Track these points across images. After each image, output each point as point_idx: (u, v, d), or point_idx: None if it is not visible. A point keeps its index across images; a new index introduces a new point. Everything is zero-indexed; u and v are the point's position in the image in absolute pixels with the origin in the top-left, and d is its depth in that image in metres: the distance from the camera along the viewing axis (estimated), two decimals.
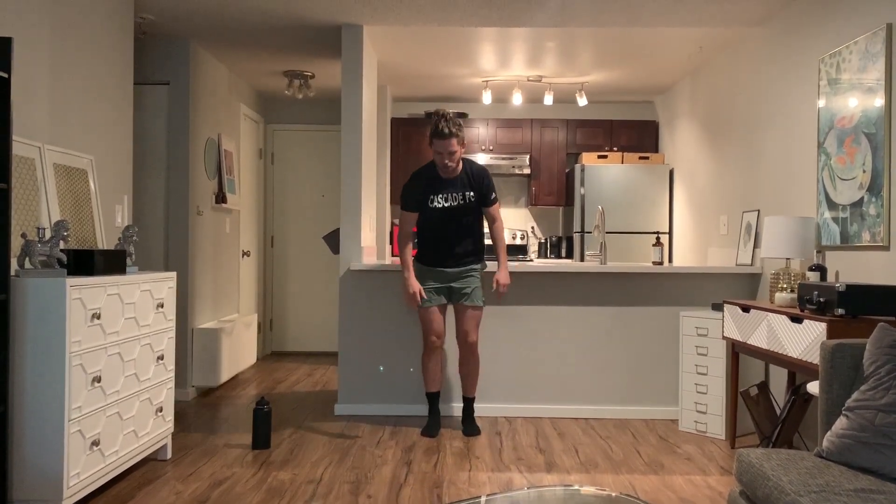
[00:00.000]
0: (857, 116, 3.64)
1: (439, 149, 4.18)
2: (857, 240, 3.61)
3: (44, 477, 2.82)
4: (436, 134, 4.14)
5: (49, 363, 2.82)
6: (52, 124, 3.53)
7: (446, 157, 4.18)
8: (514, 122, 7.19)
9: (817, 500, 1.95)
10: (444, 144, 4.15)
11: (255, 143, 7.22)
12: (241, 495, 3.31)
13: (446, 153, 4.17)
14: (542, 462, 3.87)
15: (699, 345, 4.42)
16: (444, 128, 4.12)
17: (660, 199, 6.68)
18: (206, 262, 5.66)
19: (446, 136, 4.13)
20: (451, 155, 4.18)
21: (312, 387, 5.79)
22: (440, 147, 4.17)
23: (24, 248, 2.93)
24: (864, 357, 2.40)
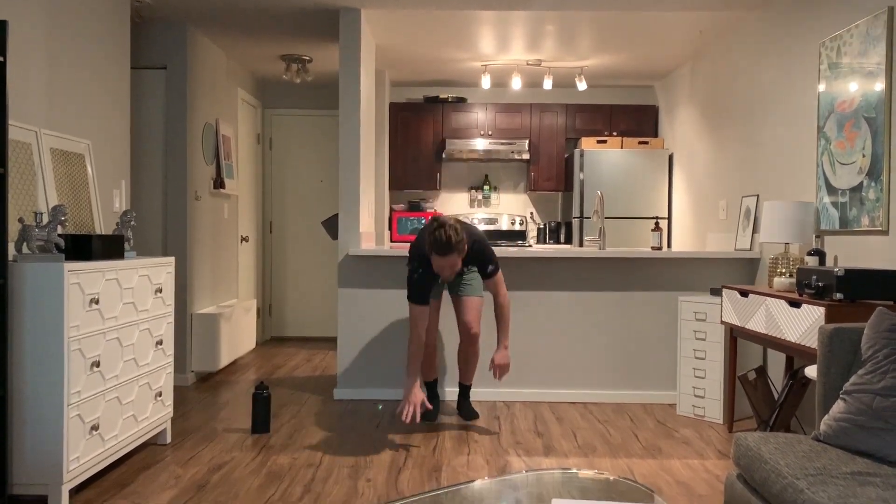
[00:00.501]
0: (857, 100, 3.62)
1: (439, 263, 3.80)
2: (857, 224, 3.61)
3: (44, 461, 2.83)
4: (436, 249, 3.74)
5: (48, 348, 2.83)
6: (48, 109, 3.51)
7: (446, 271, 3.84)
8: (513, 107, 7.16)
9: (814, 482, 1.96)
10: (444, 261, 3.78)
11: (253, 128, 7.19)
12: (240, 479, 3.32)
13: (447, 267, 3.81)
14: (541, 446, 3.88)
15: (697, 329, 4.43)
16: (445, 243, 3.71)
17: (659, 185, 6.67)
18: (204, 247, 5.65)
19: (447, 253, 3.74)
20: (451, 268, 3.83)
21: (311, 372, 5.80)
22: (440, 262, 3.79)
23: (22, 233, 2.92)
24: (863, 341, 2.41)
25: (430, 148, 7.17)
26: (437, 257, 3.76)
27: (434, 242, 3.73)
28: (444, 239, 3.71)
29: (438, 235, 3.72)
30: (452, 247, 3.72)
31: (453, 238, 3.72)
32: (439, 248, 3.72)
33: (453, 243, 3.72)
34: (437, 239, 3.72)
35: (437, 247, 3.72)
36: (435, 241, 3.72)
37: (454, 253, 3.74)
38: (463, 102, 7.19)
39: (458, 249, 3.75)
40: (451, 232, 3.72)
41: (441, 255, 3.74)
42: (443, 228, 3.72)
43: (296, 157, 7.46)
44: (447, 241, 3.71)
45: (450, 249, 3.72)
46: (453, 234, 3.72)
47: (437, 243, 3.72)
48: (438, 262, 3.78)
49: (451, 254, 3.73)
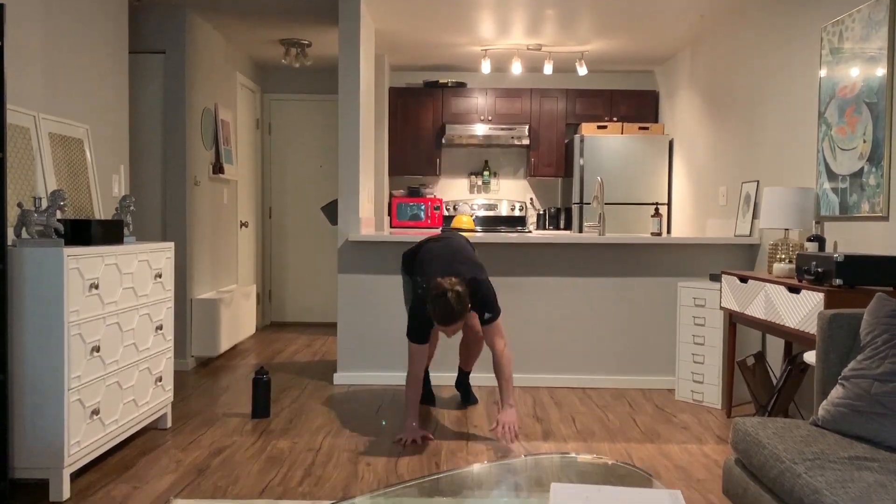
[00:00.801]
0: (858, 86, 3.61)
1: (442, 329, 3.60)
2: (857, 210, 3.60)
3: (45, 445, 2.84)
4: (439, 319, 3.51)
5: (48, 333, 2.83)
6: (46, 93, 3.49)
7: (450, 332, 3.64)
8: (513, 92, 7.13)
9: (812, 467, 1.97)
10: (445, 328, 3.58)
11: (252, 112, 7.17)
12: (240, 463, 3.34)
13: (450, 331, 3.61)
14: (540, 431, 3.90)
15: (697, 315, 4.44)
16: (447, 313, 3.47)
17: (659, 170, 6.66)
18: (204, 232, 5.65)
19: (451, 323, 3.52)
20: (454, 330, 3.62)
21: (311, 357, 5.82)
22: (443, 329, 3.58)
23: (21, 218, 2.92)
24: (862, 327, 2.41)
25: (429, 133, 7.15)
26: (440, 326, 3.55)
27: (436, 311, 3.48)
28: (447, 310, 3.47)
29: (441, 305, 3.46)
30: (456, 317, 3.49)
31: (456, 308, 3.47)
32: (442, 318, 3.49)
33: (456, 313, 3.48)
34: (438, 309, 3.48)
35: (441, 317, 3.49)
36: (436, 311, 3.48)
37: (458, 321, 3.52)
38: (463, 87, 7.16)
39: (461, 315, 3.51)
40: (454, 301, 3.46)
41: (444, 324, 3.52)
42: (444, 297, 3.45)
43: (295, 143, 7.44)
44: (450, 312, 3.47)
45: (453, 319, 3.49)
46: (455, 302, 3.46)
47: (441, 313, 3.48)
48: (441, 328, 3.59)
49: (454, 323, 3.51)
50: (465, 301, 3.50)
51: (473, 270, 3.70)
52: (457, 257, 3.76)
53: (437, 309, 3.47)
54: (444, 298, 3.45)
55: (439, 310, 3.47)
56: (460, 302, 3.47)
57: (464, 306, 3.49)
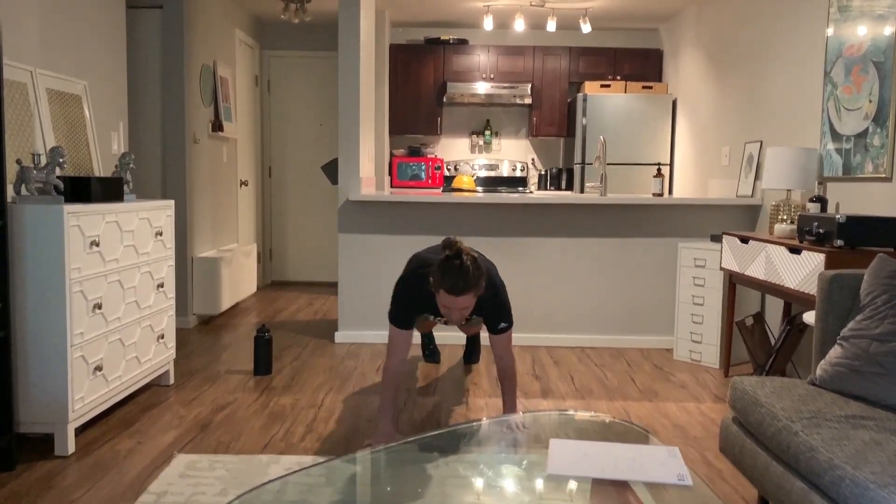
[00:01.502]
0: (866, 45, 3.56)
1: (449, 303, 2.83)
2: (860, 171, 3.58)
3: (49, 401, 2.87)
4: (449, 285, 2.78)
5: (49, 290, 2.84)
6: (43, 48, 3.45)
7: (455, 314, 2.88)
8: (515, 50, 7.04)
9: (808, 425, 1.99)
10: (456, 301, 2.82)
11: (251, 69, 7.09)
12: (243, 419, 3.38)
13: (456, 310, 2.86)
14: (539, 389, 3.94)
15: (696, 276, 4.45)
16: (463, 275, 2.76)
17: (662, 130, 6.61)
18: (204, 191, 5.63)
19: (464, 291, 2.79)
20: (462, 312, 2.87)
21: (313, 315, 5.85)
22: (451, 302, 2.82)
23: (20, 175, 2.90)
24: (862, 287, 2.41)
25: (430, 91, 7.08)
26: (446, 296, 2.80)
27: (447, 273, 2.77)
28: (463, 272, 2.76)
29: (454, 265, 2.78)
30: (471, 284, 2.78)
31: (472, 272, 2.77)
32: (454, 285, 2.76)
33: (472, 279, 2.78)
34: (452, 270, 2.77)
35: (452, 282, 2.76)
36: (448, 272, 2.77)
37: (471, 292, 2.80)
38: (465, 44, 7.07)
39: (476, 287, 2.82)
40: (470, 264, 2.78)
41: (455, 293, 2.78)
42: (460, 257, 2.79)
43: (295, 100, 7.37)
44: (465, 275, 2.76)
45: (467, 287, 2.77)
46: (472, 266, 2.78)
47: (452, 276, 2.76)
48: (448, 301, 2.82)
49: (466, 293, 2.79)
50: (481, 274, 2.82)
51: (487, 265, 3.10)
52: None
53: (447, 273, 2.77)
54: (457, 260, 2.78)
55: (451, 274, 2.76)
56: (477, 268, 2.80)
57: (479, 278, 2.81)
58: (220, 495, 2.55)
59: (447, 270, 2.78)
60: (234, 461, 2.85)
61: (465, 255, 2.81)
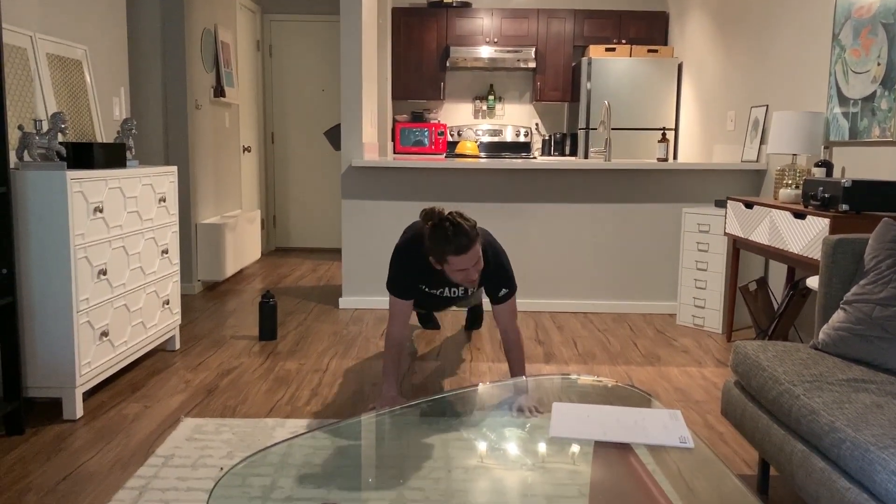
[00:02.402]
0: (875, 6, 3.50)
1: (460, 265, 2.77)
2: (867, 135, 3.55)
3: (56, 366, 2.90)
4: (455, 249, 2.72)
5: (54, 256, 2.85)
6: (43, 12, 3.41)
7: (473, 272, 2.81)
8: (519, 13, 6.95)
9: (810, 389, 2.00)
10: (466, 259, 2.75)
11: (253, 34, 7.01)
12: (249, 383, 3.41)
13: (472, 268, 2.79)
14: (542, 353, 3.96)
15: (700, 241, 4.44)
16: (462, 237, 2.72)
17: (667, 95, 6.54)
18: (206, 157, 5.61)
19: (470, 246, 2.74)
20: (477, 266, 2.81)
21: (317, 282, 5.87)
22: (461, 263, 2.76)
23: (22, 141, 2.89)
24: (866, 252, 2.41)
25: (433, 56, 7.01)
26: (456, 258, 2.74)
27: (446, 238, 2.73)
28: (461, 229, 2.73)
29: (447, 227, 2.73)
30: (471, 235, 2.75)
31: (464, 224, 2.74)
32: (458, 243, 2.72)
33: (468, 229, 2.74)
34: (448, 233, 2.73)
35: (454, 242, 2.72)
36: (447, 236, 2.73)
37: (475, 244, 2.76)
38: (468, 7, 6.97)
39: (478, 237, 2.80)
40: (458, 218, 2.76)
41: (463, 251, 2.72)
42: (448, 219, 2.75)
43: (296, 66, 7.31)
44: (461, 230, 2.73)
45: (470, 240, 2.73)
46: (461, 219, 2.76)
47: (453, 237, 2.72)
48: (460, 263, 2.75)
49: (472, 245, 2.74)
50: (472, 220, 2.79)
51: (485, 234, 3.07)
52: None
53: (446, 238, 2.72)
54: (447, 222, 2.74)
55: (450, 236, 2.71)
56: (467, 220, 2.77)
57: (473, 224, 2.78)
58: (227, 458, 2.58)
59: (444, 235, 2.73)
60: (240, 424, 2.89)
61: (449, 215, 2.77)
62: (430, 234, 2.77)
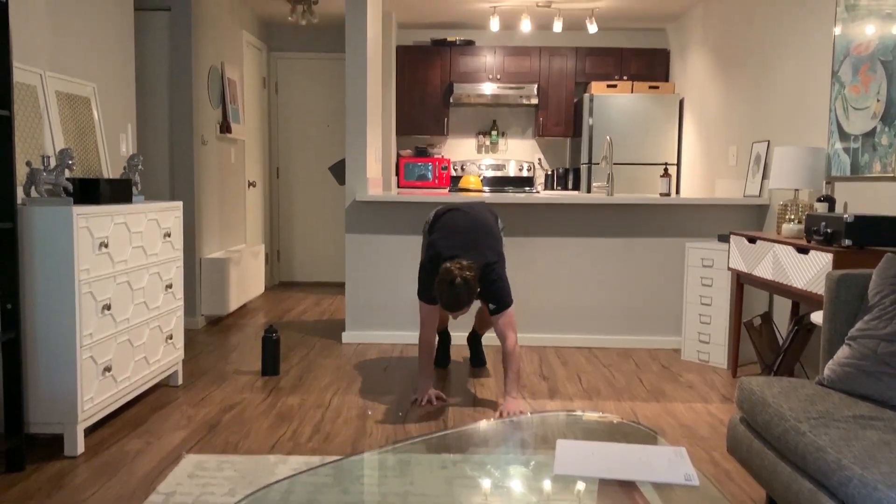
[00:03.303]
0: (874, 43, 3.55)
1: (448, 313, 3.50)
2: (868, 170, 3.57)
3: (58, 401, 2.89)
4: (445, 306, 3.39)
5: (59, 291, 2.85)
6: (52, 51, 3.47)
7: (457, 315, 3.51)
8: (522, 50, 7.04)
9: (816, 426, 1.98)
10: (453, 313, 3.46)
11: (259, 71, 7.11)
12: (251, 419, 3.39)
13: (456, 314, 3.49)
14: (546, 389, 3.93)
15: (704, 276, 4.44)
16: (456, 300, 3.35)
17: (669, 130, 6.59)
18: (212, 192, 5.65)
19: (457, 310, 3.40)
20: (461, 314, 3.50)
21: (320, 316, 5.86)
22: (449, 313, 3.47)
23: (30, 177, 2.92)
24: (870, 287, 2.41)
25: (437, 92, 7.09)
26: (446, 311, 3.45)
27: (443, 298, 3.37)
28: (455, 298, 3.35)
29: (447, 288, 3.34)
30: (461, 305, 3.38)
31: (462, 297, 3.35)
32: (450, 306, 3.38)
33: (461, 301, 3.36)
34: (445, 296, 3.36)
35: (446, 301, 3.37)
36: (444, 297, 3.36)
37: (464, 308, 3.41)
38: (471, 45, 7.07)
39: (468, 305, 3.41)
40: (462, 290, 3.34)
41: (450, 310, 3.41)
42: (453, 286, 3.32)
43: (302, 102, 7.39)
44: (458, 299, 3.35)
45: (459, 306, 3.38)
46: (463, 291, 3.34)
47: (448, 301, 3.36)
48: (449, 313, 3.48)
49: (460, 309, 3.40)
50: (473, 289, 3.37)
51: (490, 256, 3.54)
52: (478, 237, 3.58)
53: (443, 296, 3.36)
54: (451, 287, 3.33)
55: (446, 297, 3.35)
56: (469, 291, 3.35)
57: (471, 294, 3.38)
58: (229, 495, 2.56)
59: (442, 295, 3.36)
60: (242, 461, 2.87)
61: (458, 279, 3.32)
62: (437, 280, 3.40)
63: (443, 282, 3.36)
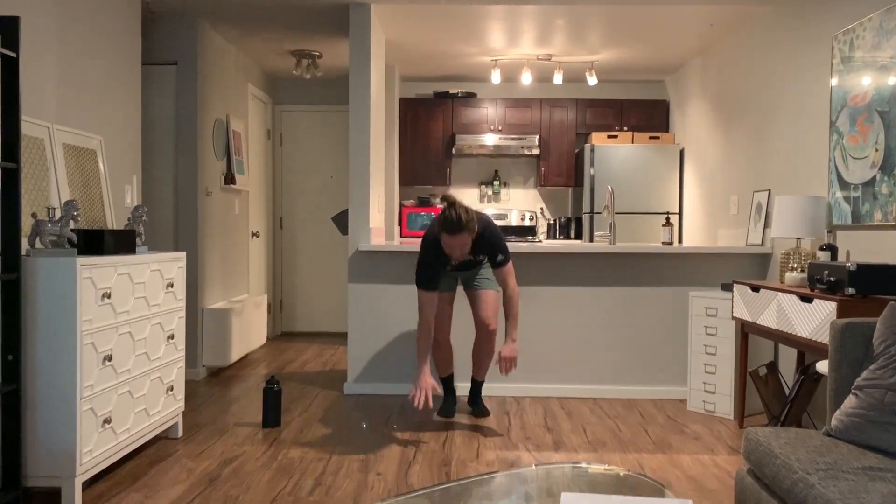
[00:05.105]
0: (870, 94, 3.60)
1: (449, 242, 3.80)
2: (869, 219, 3.58)
3: (57, 453, 2.85)
4: (446, 228, 3.75)
5: (60, 342, 2.85)
6: (60, 104, 3.53)
7: (457, 251, 3.83)
8: (523, 102, 7.15)
9: (825, 477, 1.95)
10: (454, 240, 3.77)
11: (264, 123, 7.21)
12: (251, 473, 3.34)
13: (457, 246, 3.81)
14: (550, 441, 3.88)
15: (708, 325, 4.42)
16: (455, 221, 3.73)
17: (670, 180, 6.64)
18: (215, 242, 5.67)
19: (457, 232, 3.74)
20: (461, 248, 3.82)
21: (322, 367, 5.82)
22: (450, 241, 3.79)
23: (35, 228, 2.94)
24: (875, 336, 2.39)
25: (439, 143, 7.17)
26: (446, 236, 3.76)
27: (444, 221, 3.74)
28: (455, 218, 3.72)
29: (449, 214, 3.74)
30: (463, 225, 3.73)
31: (463, 217, 3.73)
32: (449, 226, 3.73)
33: (464, 222, 3.73)
34: (447, 218, 3.73)
35: (448, 225, 3.73)
36: (445, 220, 3.73)
37: (464, 232, 3.74)
38: (472, 97, 7.18)
39: (469, 229, 3.75)
40: (461, 212, 3.75)
41: (451, 234, 3.74)
42: (453, 208, 3.75)
43: (306, 153, 7.48)
44: (457, 220, 3.72)
45: (460, 228, 3.72)
46: (463, 213, 3.75)
47: (448, 222, 3.73)
48: (448, 241, 3.78)
49: (460, 233, 3.74)
50: (472, 217, 3.76)
51: (489, 220, 3.97)
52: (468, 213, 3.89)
53: (445, 217, 3.71)
54: (453, 208, 3.72)
55: (448, 217, 3.70)
56: (468, 214, 3.74)
57: (471, 220, 3.74)
58: None
59: (445, 219, 3.73)
60: None
61: (457, 205, 3.75)
62: (438, 215, 3.79)
63: (442, 215, 3.75)
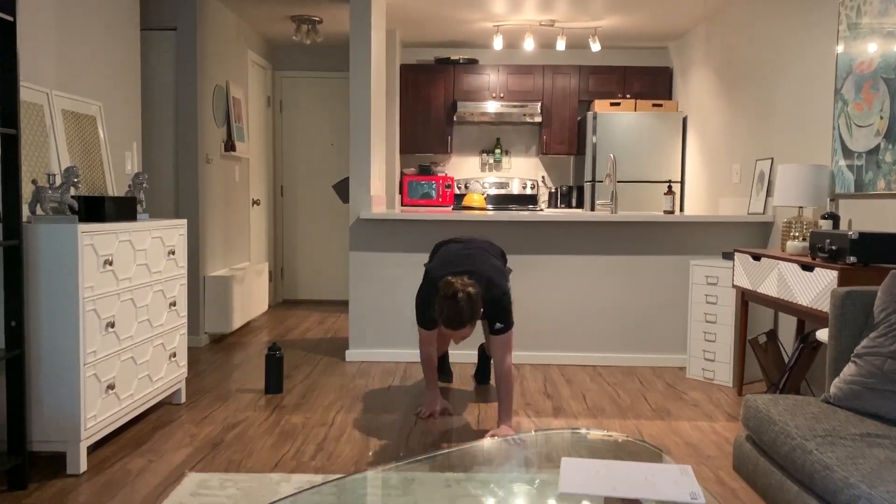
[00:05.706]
0: (876, 61, 3.56)
1: (449, 333, 3.35)
2: (872, 188, 3.57)
3: (61, 419, 2.88)
4: (445, 321, 3.23)
5: (63, 308, 2.86)
6: (59, 70, 3.50)
7: (457, 338, 3.37)
8: (525, 69, 7.08)
9: (822, 444, 1.97)
10: (455, 333, 3.31)
11: (264, 90, 7.15)
12: (254, 438, 3.37)
13: (458, 337, 3.35)
14: (550, 407, 3.92)
15: (709, 293, 4.43)
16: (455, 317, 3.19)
17: (672, 148, 6.61)
18: (216, 210, 5.67)
19: (459, 326, 3.23)
20: (462, 338, 3.36)
21: (324, 334, 5.85)
22: (450, 333, 3.33)
23: (35, 195, 2.94)
24: (875, 304, 2.40)
25: (441, 111, 7.12)
26: (446, 329, 3.29)
27: (444, 313, 3.21)
28: (455, 314, 3.19)
29: (450, 307, 3.19)
30: (465, 321, 3.21)
31: (465, 313, 3.19)
32: (449, 321, 3.21)
33: (465, 318, 3.20)
34: (447, 311, 3.19)
35: (448, 320, 3.21)
36: (445, 312, 3.20)
37: (466, 326, 3.24)
38: (475, 64, 7.11)
39: (472, 322, 3.25)
40: (464, 302, 3.17)
41: (452, 328, 3.24)
42: (455, 300, 3.17)
43: (306, 120, 7.43)
44: (458, 315, 3.19)
45: (461, 323, 3.21)
46: (466, 304, 3.18)
47: (448, 316, 3.20)
48: (448, 332, 3.33)
49: (461, 328, 3.24)
50: (477, 305, 3.22)
51: (493, 273, 3.41)
52: (476, 261, 3.45)
53: (444, 311, 3.19)
54: (453, 300, 3.16)
55: (447, 312, 3.18)
56: (472, 305, 3.19)
57: (475, 311, 3.22)
58: None
59: (444, 311, 3.22)
60: (244, 480, 2.85)
61: (460, 293, 3.19)
62: (439, 297, 3.27)
63: (444, 297, 3.20)
